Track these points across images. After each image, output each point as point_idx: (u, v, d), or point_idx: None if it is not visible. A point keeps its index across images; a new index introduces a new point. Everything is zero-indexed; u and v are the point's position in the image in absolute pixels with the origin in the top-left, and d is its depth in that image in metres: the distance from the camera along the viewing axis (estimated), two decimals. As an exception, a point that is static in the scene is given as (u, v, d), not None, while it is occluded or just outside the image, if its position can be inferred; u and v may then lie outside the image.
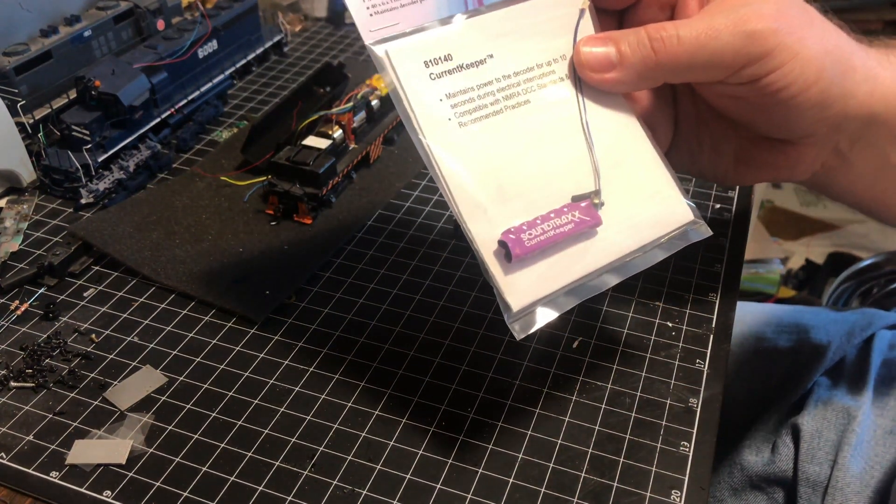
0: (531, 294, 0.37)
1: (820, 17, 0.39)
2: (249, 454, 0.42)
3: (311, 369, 0.47)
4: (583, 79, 0.38)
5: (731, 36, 0.36)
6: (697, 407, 0.44)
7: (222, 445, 0.42)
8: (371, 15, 0.37)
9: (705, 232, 0.41)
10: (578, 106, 0.40)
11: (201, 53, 0.69)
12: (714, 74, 0.37)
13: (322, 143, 0.59)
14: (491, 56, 0.39)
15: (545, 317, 0.37)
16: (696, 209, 0.41)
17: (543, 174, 0.39)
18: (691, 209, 0.41)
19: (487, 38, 0.39)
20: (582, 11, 0.40)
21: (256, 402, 0.44)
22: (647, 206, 0.40)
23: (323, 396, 0.45)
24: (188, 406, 0.44)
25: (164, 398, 0.45)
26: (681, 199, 0.41)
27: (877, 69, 0.40)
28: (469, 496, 0.40)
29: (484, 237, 0.37)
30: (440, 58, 0.38)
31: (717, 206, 0.59)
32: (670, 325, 0.50)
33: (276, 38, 0.81)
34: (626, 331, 0.49)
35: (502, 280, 0.37)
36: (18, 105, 0.60)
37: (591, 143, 0.39)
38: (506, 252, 0.36)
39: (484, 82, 0.39)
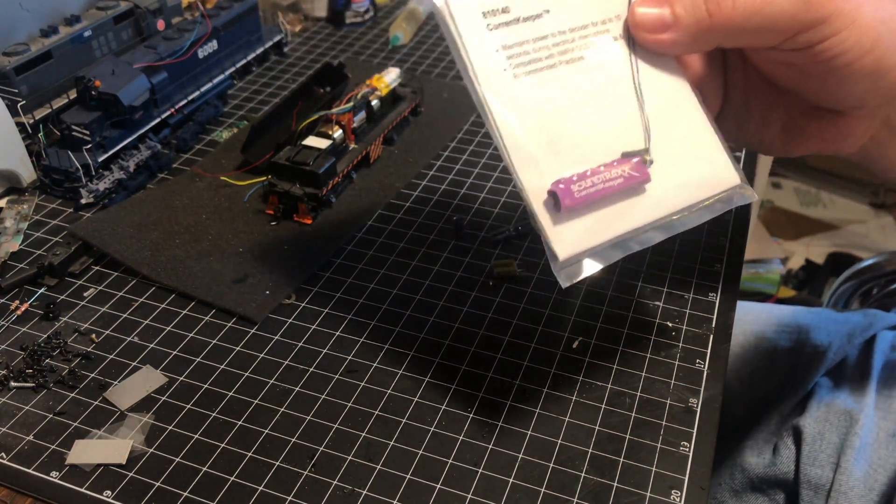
0: (578, 244, 0.37)
1: None
2: (249, 454, 0.42)
3: (312, 369, 0.47)
4: (637, 39, 0.39)
5: (786, 1, 0.36)
6: (697, 407, 0.44)
7: (222, 445, 0.42)
8: None
9: (751, 196, 0.41)
10: (631, 66, 0.40)
11: (201, 53, 0.69)
12: (768, 39, 0.37)
13: (322, 144, 0.59)
14: (547, 11, 0.40)
15: (591, 268, 0.38)
16: (742, 174, 0.41)
17: (594, 130, 0.39)
18: (738, 173, 0.41)
19: None
20: None
21: (256, 402, 0.45)
22: (695, 167, 0.40)
23: (323, 396, 0.45)
24: (188, 406, 0.44)
25: (164, 398, 0.45)
26: (728, 163, 0.41)
27: None
28: (469, 496, 0.40)
29: (534, 186, 0.37)
30: (498, 9, 0.38)
31: (717, 206, 0.59)
32: (670, 325, 0.50)
33: (276, 38, 0.81)
34: (626, 331, 0.49)
35: (551, 230, 0.37)
36: (18, 105, 0.60)
37: (643, 103, 0.40)
38: (555, 202, 0.37)
39: (540, 36, 0.39)
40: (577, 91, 0.39)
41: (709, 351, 0.48)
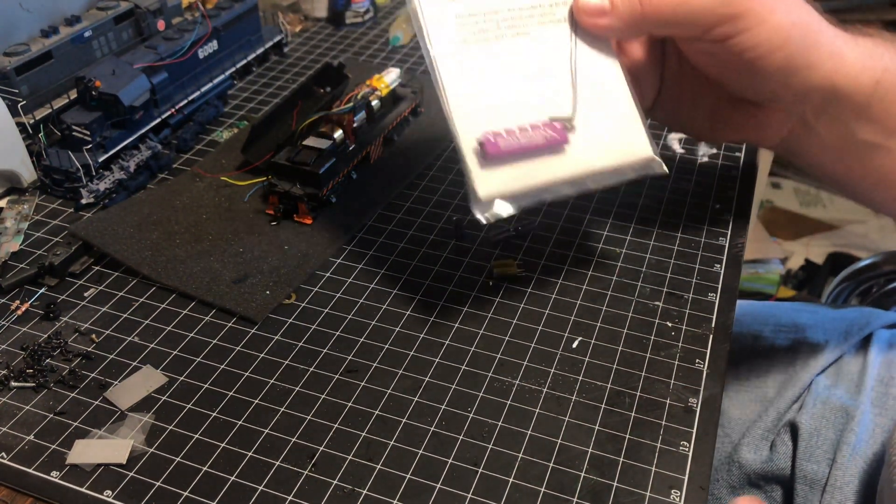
0: (496, 188, 0.43)
1: None
2: (250, 454, 0.42)
3: (311, 369, 0.47)
4: (578, 21, 0.44)
5: None
6: (697, 407, 0.44)
7: (223, 445, 0.42)
8: None
9: (659, 169, 0.46)
10: (570, 45, 0.46)
11: (201, 54, 0.69)
12: (691, 30, 0.42)
13: (322, 144, 0.59)
14: None
15: (503, 209, 0.43)
16: (655, 147, 0.46)
17: (528, 96, 0.45)
18: (651, 147, 0.46)
19: None
20: None
21: (257, 401, 0.45)
22: (613, 136, 0.46)
23: (323, 396, 0.45)
24: (188, 406, 0.44)
25: (164, 398, 0.45)
26: (644, 137, 0.46)
27: (843, 48, 0.44)
28: (469, 496, 0.40)
29: (467, 136, 0.43)
30: None
31: (717, 206, 0.60)
32: (670, 325, 0.50)
33: (277, 39, 0.81)
34: (626, 331, 0.49)
35: (476, 172, 0.43)
36: (19, 105, 0.60)
37: (576, 77, 0.45)
38: (483, 150, 0.43)
39: (492, 10, 0.45)
40: (519, 61, 0.45)
41: (708, 351, 0.48)
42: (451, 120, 0.44)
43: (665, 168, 0.46)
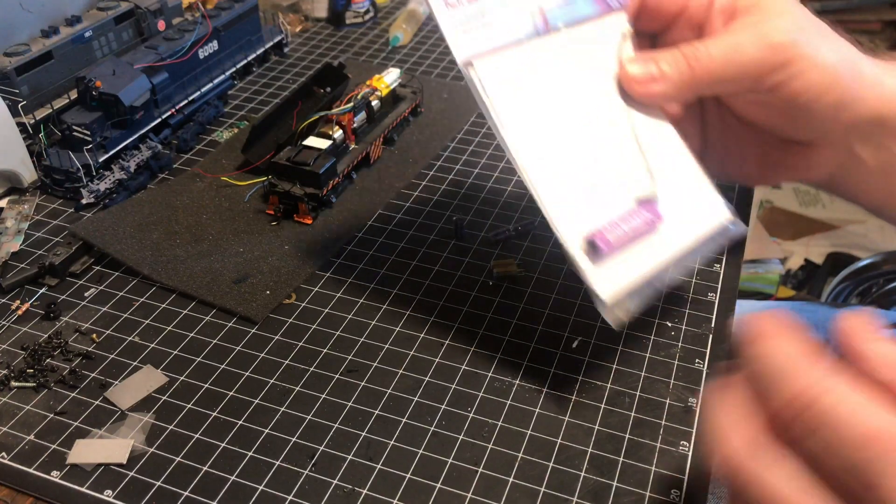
0: (616, 286, 0.41)
1: (831, 30, 0.43)
2: (250, 454, 0.42)
3: (312, 369, 0.47)
4: (628, 92, 0.42)
5: (755, 49, 0.40)
6: (697, 406, 0.44)
7: (223, 445, 0.42)
8: (461, 33, 0.42)
9: (742, 229, 0.45)
10: (625, 114, 0.44)
11: (202, 54, 0.69)
12: (742, 85, 0.41)
13: (322, 144, 0.59)
14: (558, 72, 0.44)
15: (629, 306, 0.41)
16: (731, 207, 0.45)
17: (609, 177, 0.43)
18: (728, 208, 0.45)
19: (556, 57, 0.44)
20: (624, 36, 0.45)
21: (257, 401, 0.45)
22: (692, 205, 0.44)
23: (323, 396, 0.45)
24: (189, 406, 0.44)
25: (164, 398, 0.45)
26: (718, 200, 0.45)
27: (882, 76, 0.44)
28: (469, 495, 0.40)
29: (573, 236, 0.41)
30: (522, 71, 0.42)
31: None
32: (670, 324, 0.50)
33: (277, 39, 0.81)
34: (625, 331, 0.49)
35: (592, 274, 0.40)
36: (19, 105, 0.60)
37: (643, 149, 0.44)
38: (595, 250, 0.40)
39: (556, 95, 0.43)
40: (591, 142, 0.43)
41: (708, 351, 0.48)
42: (551, 222, 0.41)
43: (745, 226, 0.45)
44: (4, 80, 0.61)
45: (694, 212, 0.44)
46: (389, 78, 0.67)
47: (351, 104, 0.62)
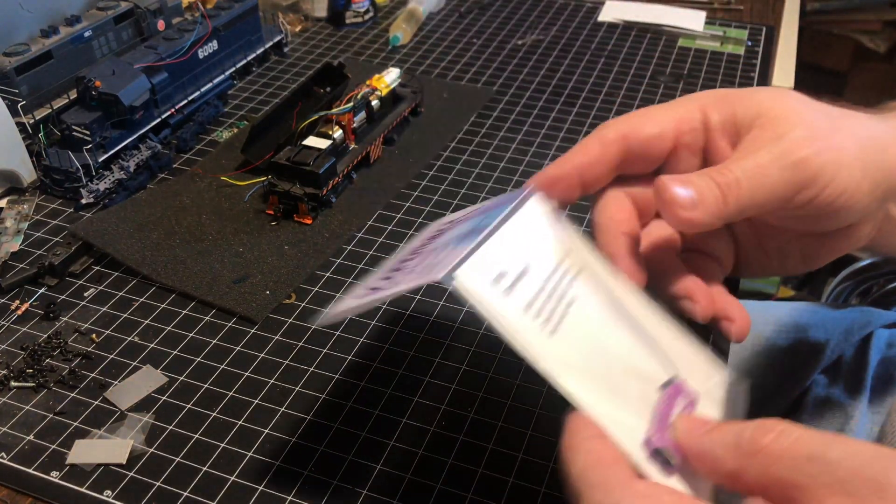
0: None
1: (840, 111, 0.41)
2: (250, 454, 0.42)
3: (311, 369, 0.47)
4: (670, 217, 0.39)
5: (779, 170, 0.38)
6: (697, 407, 0.44)
7: (223, 445, 0.42)
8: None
9: (746, 387, 0.41)
10: (611, 293, 0.40)
11: (202, 54, 0.69)
12: (774, 206, 0.39)
13: (322, 144, 0.59)
14: (527, 264, 0.39)
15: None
16: (723, 364, 0.41)
17: (623, 367, 0.38)
18: (721, 365, 0.41)
19: (517, 251, 0.39)
20: (557, 211, 0.41)
21: (257, 401, 0.45)
22: (697, 371, 0.40)
23: (323, 396, 0.45)
24: (188, 406, 0.44)
25: (164, 398, 0.45)
26: (715, 361, 0.41)
27: None
28: (469, 496, 0.40)
29: (632, 449, 0.35)
30: (499, 274, 0.37)
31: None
32: (670, 324, 0.50)
33: (277, 39, 0.81)
34: (625, 331, 0.49)
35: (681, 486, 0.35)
36: (19, 105, 0.60)
37: (645, 327, 0.40)
38: (663, 457, 0.35)
39: (539, 289, 0.38)
40: (591, 331, 0.39)
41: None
42: (611, 436, 0.35)
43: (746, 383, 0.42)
44: (4, 80, 0.61)
45: (701, 378, 0.40)
46: (389, 78, 0.67)
47: (351, 104, 0.62)
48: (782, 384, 0.63)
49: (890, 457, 0.26)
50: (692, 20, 0.91)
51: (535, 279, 0.38)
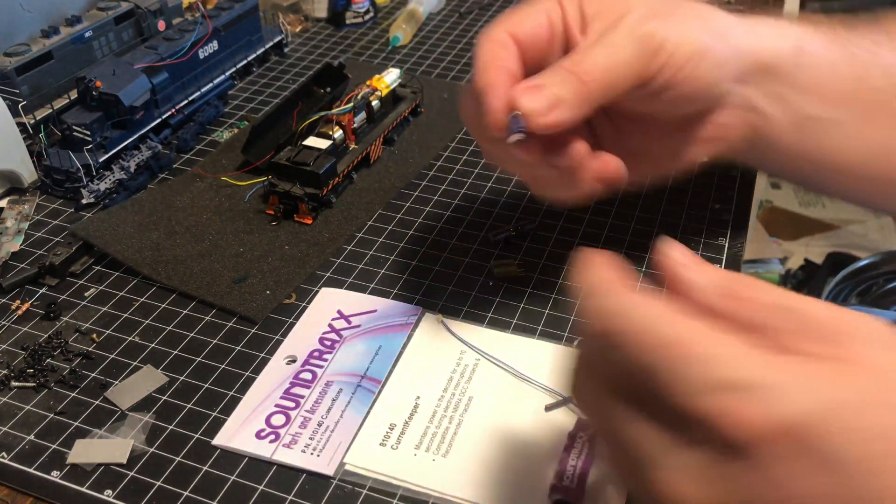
0: None
1: (682, 2, 0.43)
2: (250, 454, 0.42)
3: (312, 369, 0.47)
4: (531, 125, 0.39)
5: (629, 45, 0.40)
6: (696, 407, 0.44)
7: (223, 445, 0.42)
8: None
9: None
10: (502, 381, 0.45)
11: (202, 54, 0.69)
12: (630, 83, 0.41)
13: (322, 144, 0.59)
14: (418, 397, 0.44)
15: None
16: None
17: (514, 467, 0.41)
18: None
19: (408, 388, 0.45)
20: (442, 323, 0.49)
21: (257, 401, 0.45)
22: None
23: (323, 396, 0.45)
24: (189, 406, 0.44)
25: (164, 398, 0.45)
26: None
27: (752, 27, 0.45)
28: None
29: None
30: (389, 429, 0.42)
31: (717, 206, 0.60)
32: (669, 325, 0.50)
33: (277, 39, 0.81)
34: (625, 331, 0.49)
35: None
36: (19, 105, 0.60)
37: (543, 384, 0.45)
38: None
39: (428, 423, 0.43)
40: (485, 443, 0.42)
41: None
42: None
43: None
44: (4, 80, 0.61)
45: None
46: (389, 78, 0.67)
47: (351, 104, 0.62)
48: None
49: (858, 315, 0.27)
50: (692, 20, 0.91)
51: (424, 414, 0.43)
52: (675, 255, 0.33)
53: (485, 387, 0.45)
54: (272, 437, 0.42)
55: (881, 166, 0.47)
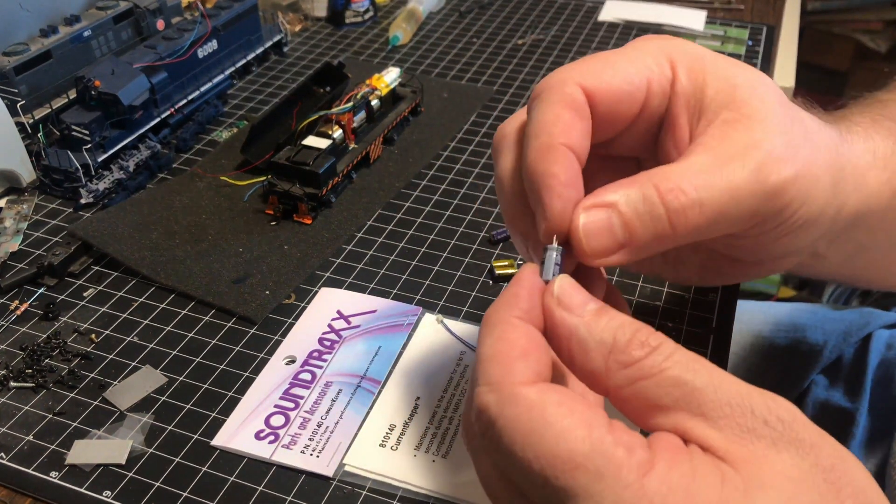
0: None
1: (810, 119, 0.35)
2: (249, 454, 0.42)
3: (311, 369, 0.47)
4: (583, 262, 0.31)
5: (751, 196, 0.30)
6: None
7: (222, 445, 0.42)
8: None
9: None
10: None
11: (201, 53, 0.69)
12: (728, 232, 0.32)
13: (322, 143, 0.59)
14: (418, 397, 0.44)
15: None
16: None
17: None
18: None
19: (408, 388, 0.45)
20: (437, 320, 0.48)
21: (256, 402, 0.44)
22: None
23: (323, 396, 0.45)
24: (188, 406, 0.44)
25: (163, 398, 0.45)
26: None
27: (863, 169, 0.37)
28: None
29: None
30: (388, 430, 0.42)
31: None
32: (670, 325, 0.50)
33: (276, 38, 0.81)
34: (625, 331, 0.49)
35: None
36: (18, 105, 0.60)
37: None
38: None
39: (428, 423, 0.43)
40: None
41: (709, 351, 0.48)
42: None
43: None
44: (3, 80, 0.60)
45: None
46: (389, 77, 0.67)
47: (351, 104, 0.62)
48: (780, 384, 0.63)
49: (752, 391, 0.26)
50: (693, 20, 0.91)
51: (424, 414, 0.43)
52: (561, 289, 0.28)
53: None
54: (271, 437, 0.42)
55: None
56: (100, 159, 0.60)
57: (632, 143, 0.34)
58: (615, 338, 0.27)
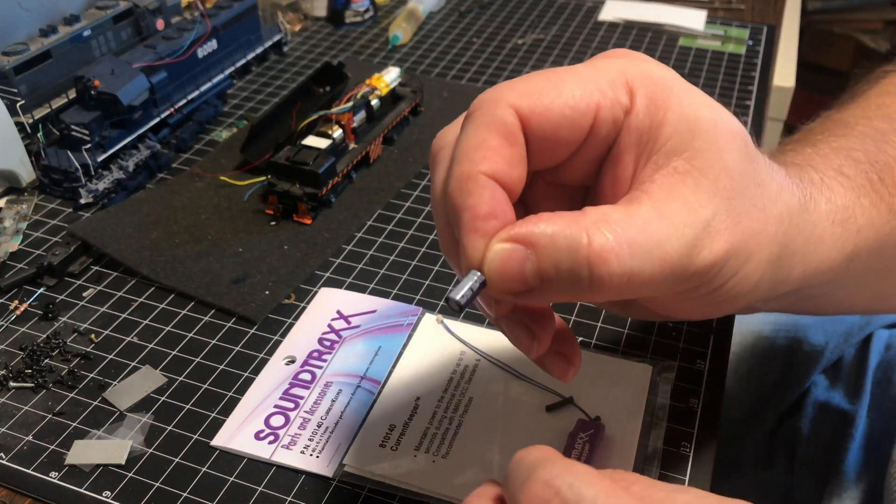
0: None
1: (772, 180, 0.31)
2: (249, 455, 0.41)
3: (311, 369, 0.46)
4: (490, 293, 0.29)
5: (679, 269, 0.28)
6: (698, 407, 0.44)
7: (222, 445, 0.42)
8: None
9: None
10: (508, 372, 0.45)
11: (201, 53, 0.69)
12: (646, 296, 0.30)
13: (322, 143, 0.59)
14: (418, 397, 0.44)
15: None
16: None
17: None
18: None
19: (408, 388, 0.44)
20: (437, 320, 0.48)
21: (256, 402, 0.44)
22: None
23: (322, 397, 0.45)
24: (188, 406, 0.44)
25: (163, 398, 0.45)
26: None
27: (817, 223, 0.34)
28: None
29: None
30: (388, 429, 0.42)
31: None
32: (670, 325, 0.50)
33: (276, 38, 0.81)
34: (626, 331, 0.49)
35: None
36: (18, 105, 0.60)
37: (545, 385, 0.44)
38: None
39: (428, 423, 0.43)
40: (483, 443, 0.42)
41: (709, 351, 0.48)
42: None
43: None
44: (3, 80, 0.60)
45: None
46: (389, 77, 0.67)
47: (350, 103, 0.62)
48: (780, 384, 0.63)
49: None
50: (693, 19, 0.91)
51: (424, 414, 0.43)
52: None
53: (485, 387, 0.44)
54: (271, 437, 0.42)
55: (878, 307, 0.44)
56: (99, 159, 0.60)
57: (581, 171, 0.31)
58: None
